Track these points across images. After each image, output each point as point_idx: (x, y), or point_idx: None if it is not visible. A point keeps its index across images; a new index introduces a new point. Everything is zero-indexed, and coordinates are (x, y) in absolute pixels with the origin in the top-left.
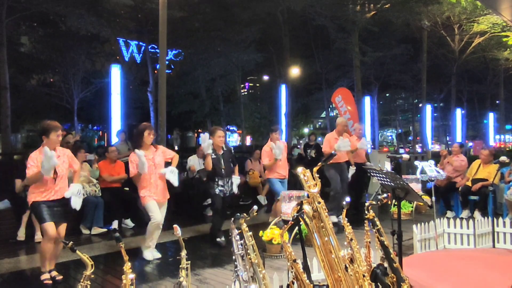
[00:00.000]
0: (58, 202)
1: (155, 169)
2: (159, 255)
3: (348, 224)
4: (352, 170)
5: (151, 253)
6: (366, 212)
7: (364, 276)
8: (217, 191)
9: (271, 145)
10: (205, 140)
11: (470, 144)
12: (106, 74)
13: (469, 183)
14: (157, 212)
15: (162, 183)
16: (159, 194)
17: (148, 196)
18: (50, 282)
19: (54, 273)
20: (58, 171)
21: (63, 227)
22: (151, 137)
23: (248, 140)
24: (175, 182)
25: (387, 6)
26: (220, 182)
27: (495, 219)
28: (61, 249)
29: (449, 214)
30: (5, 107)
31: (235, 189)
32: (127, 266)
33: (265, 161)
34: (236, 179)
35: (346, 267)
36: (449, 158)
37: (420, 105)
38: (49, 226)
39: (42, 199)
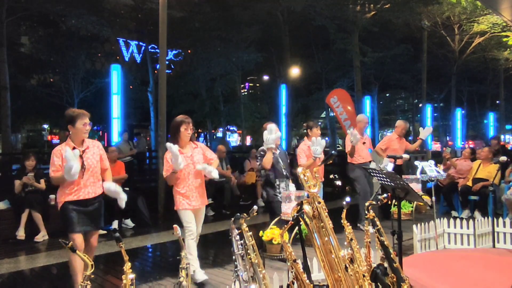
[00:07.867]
0: (90, 202)
1: (194, 168)
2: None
3: (348, 224)
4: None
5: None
6: (366, 212)
7: (364, 276)
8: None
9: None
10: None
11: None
12: (106, 74)
13: (469, 183)
14: (192, 222)
15: (200, 184)
16: (197, 198)
17: (184, 202)
18: None
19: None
20: (86, 164)
21: (95, 235)
22: (188, 132)
23: (248, 140)
24: (215, 174)
25: (387, 6)
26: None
27: (495, 219)
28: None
29: (455, 214)
30: (5, 107)
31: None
32: (127, 266)
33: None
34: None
35: (346, 267)
36: (452, 161)
37: (420, 105)
38: (78, 237)
39: (72, 199)
